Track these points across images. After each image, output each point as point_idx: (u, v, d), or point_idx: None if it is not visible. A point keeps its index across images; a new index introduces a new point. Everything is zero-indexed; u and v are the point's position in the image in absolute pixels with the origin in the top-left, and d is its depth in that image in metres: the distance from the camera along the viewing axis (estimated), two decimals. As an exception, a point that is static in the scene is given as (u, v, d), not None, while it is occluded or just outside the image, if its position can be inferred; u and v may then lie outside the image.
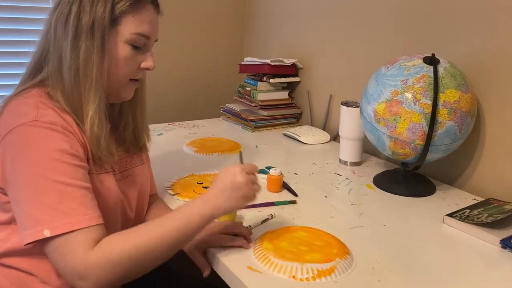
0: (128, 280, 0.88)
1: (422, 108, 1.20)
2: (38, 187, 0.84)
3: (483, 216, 1.13)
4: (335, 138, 1.80)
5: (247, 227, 1.05)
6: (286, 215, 1.16)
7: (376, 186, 1.37)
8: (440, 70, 1.22)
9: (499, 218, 1.10)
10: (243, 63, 2.08)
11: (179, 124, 1.96)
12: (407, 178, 1.35)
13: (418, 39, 1.49)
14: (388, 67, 1.29)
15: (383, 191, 1.34)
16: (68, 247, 0.82)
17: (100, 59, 0.92)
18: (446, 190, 1.36)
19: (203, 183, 1.32)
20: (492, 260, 1.01)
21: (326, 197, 1.29)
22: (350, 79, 1.78)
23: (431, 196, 1.32)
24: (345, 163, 1.55)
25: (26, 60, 1.01)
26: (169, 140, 1.74)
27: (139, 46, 0.97)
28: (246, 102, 2.02)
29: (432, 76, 1.21)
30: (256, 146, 1.71)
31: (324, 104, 1.90)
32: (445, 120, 1.20)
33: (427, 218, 1.18)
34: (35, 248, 0.88)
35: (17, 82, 1.00)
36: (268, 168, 1.37)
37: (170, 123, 1.96)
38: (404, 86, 1.22)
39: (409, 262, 0.98)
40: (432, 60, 1.24)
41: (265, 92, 1.97)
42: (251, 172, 0.95)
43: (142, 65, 0.99)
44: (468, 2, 1.34)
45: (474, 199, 1.30)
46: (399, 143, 1.25)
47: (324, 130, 1.85)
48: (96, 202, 0.89)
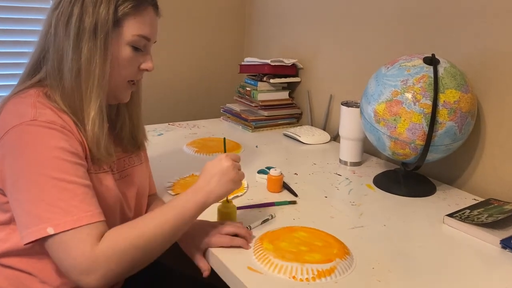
0: (133, 271, 0.90)
1: (422, 108, 1.20)
2: (38, 185, 0.84)
3: (483, 216, 1.13)
4: (335, 138, 1.80)
5: (247, 227, 1.05)
6: (286, 215, 1.16)
7: (376, 186, 1.37)
8: (440, 70, 1.22)
9: (499, 219, 1.10)
10: (243, 63, 2.08)
11: (179, 124, 1.96)
12: (407, 178, 1.35)
13: (418, 39, 1.49)
14: (388, 67, 1.29)
15: (383, 191, 1.34)
16: (73, 243, 0.83)
17: (102, 60, 0.92)
18: (446, 190, 1.36)
19: (203, 183, 1.32)
20: (492, 260, 1.01)
21: (326, 197, 1.29)
22: (350, 79, 1.78)
23: (431, 196, 1.32)
24: (345, 163, 1.55)
25: (25, 60, 1.01)
26: (169, 140, 1.74)
27: (140, 47, 0.98)
28: (246, 102, 2.02)
29: (432, 76, 1.21)
30: (256, 146, 1.71)
31: (324, 104, 1.90)
32: (445, 120, 1.20)
33: (427, 218, 1.18)
34: (34, 248, 0.88)
35: (16, 83, 1.00)
36: (268, 168, 1.37)
37: (170, 123, 1.96)
38: (404, 86, 1.22)
39: (409, 262, 0.98)
40: (432, 60, 1.23)
41: (265, 92, 1.97)
42: (234, 159, 1.02)
43: (142, 66, 1.00)
44: (468, 2, 1.34)
45: (474, 199, 1.30)
46: (399, 143, 1.25)
47: (324, 130, 1.85)
48: (97, 200, 0.89)
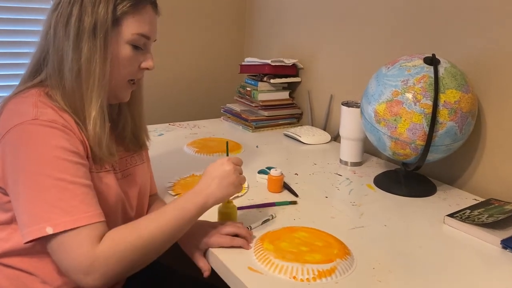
0: (132, 271, 0.90)
1: (422, 109, 1.20)
2: (39, 185, 0.84)
3: (483, 216, 1.13)
4: (336, 138, 1.80)
5: (247, 227, 1.05)
6: (287, 215, 1.16)
7: (377, 187, 1.37)
8: (441, 70, 1.22)
9: (499, 219, 1.10)
10: (243, 63, 2.08)
11: (179, 125, 1.96)
12: (407, 178, 1.35)
13: (418, 40, 1.49)
14: (388, 68, 1.29)
15: (384, 192, 1.34)
16: (73, 243, 0.83)
17: (102, 60, 0.92)
18: (446, 190, 1.36)
19: (203, 183, 1.32)
20: (493, 260, 1.01)
21: (326, 197, 1.29)
22: (351, 80, 1.78)
23: (432, 196, 1.32)
24: (345, 163, 1.55)
25: (25, 61, 1.01)
26: (169, 141, 1.74)
27: (140, 46, 0.98)
28: (247, 102, 2.02)
29: (433, 77, 1.21)
30: (257, 147, 1.71)
31: (324, 104, 1.90)
32: (445, 121, 1.20)
33: (427, 218, 1.18)
34: (35, 248, 0.88)
35: (17, 83, 1.00)
36: (269, 168, 1.37)
37: (170, 124, 1.96)
38: (405, 87, 1.22)
39: (409, 263, 0.98)
40: (432, 61, 1.23)
41: (265, 92, 1.97)
42: (236, 163, 1.02)
43: (142, 65, 1.00)
44: (468, 2, 1.34)
45: (475, 199, 1.30)
46: (400, 143, 1.25)
47: (324, 130, 1.85)
48: (97, 200, 0.90)
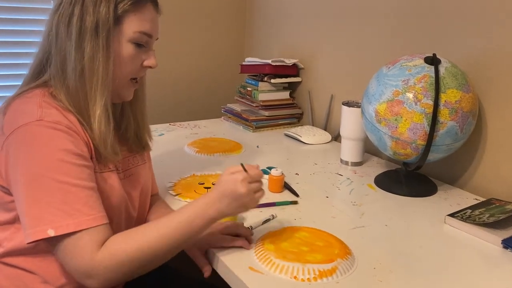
0: (134, 277, 0.90)
1: (423, 108, 1.20)
2: (42, 187, 0.84)
3: (484, 216, 1.13)
4: (336, 138, 1.79)
5: (248, 227, 1.05)
6: (287, 215, 1.16)
7: (378, 186, 1.37)
8: (441, 70, 1.22)
9: (500, 218, 1.10)
10: (244, 63, 2.08)
11: (180, 125, 1.96)
12: (408, 178, 1.35)
13: (419, 39, 1.49)
14: (389, 67, 1.29)
15: (385, 191, 1.34)
16: (75, 248, 0.84)
17: (105, 58, 0.92)
18: (447, 190, 1.36)
19: (204, 183, 1.32)
20: (494, 260, 1.01)
21: (327, 197, 1.29)
22: (351, 79, 1.78)
23: (433, 196, 1.32)
24: (346, 163, 1.55)
25: (26, 61, 1.01)
26: (170, 141, 1.74)
27: (142, 44, 0.98)
28: (247, 102, 2.02)
29: (433, 76, 1.20)
30: (257, 146, 1.70)
31: (325, 104, 1.90)
32: (446, 120, 1.20)
33: (428, 218, 1.18)
34: (39, 247, 0.89)
35: (17, 83, 1.00)
36: (270, 168, 1.36)
37: (171, 124, 1.96)
38: (406, 86, 1.22)
39: (410, 262, 0.98)
40: (433, 60, 1.23)
41: (266, 92, 1.97)
42: (254, 180, 0.93)
43: (145, 63, 1.00)
44: (469, 2, 1.34)
45: (476, 199, 1.30)
46: (401, 143, 1.24)
47: (325, 130, 1.85)
48: (101, 202, 0.90)
